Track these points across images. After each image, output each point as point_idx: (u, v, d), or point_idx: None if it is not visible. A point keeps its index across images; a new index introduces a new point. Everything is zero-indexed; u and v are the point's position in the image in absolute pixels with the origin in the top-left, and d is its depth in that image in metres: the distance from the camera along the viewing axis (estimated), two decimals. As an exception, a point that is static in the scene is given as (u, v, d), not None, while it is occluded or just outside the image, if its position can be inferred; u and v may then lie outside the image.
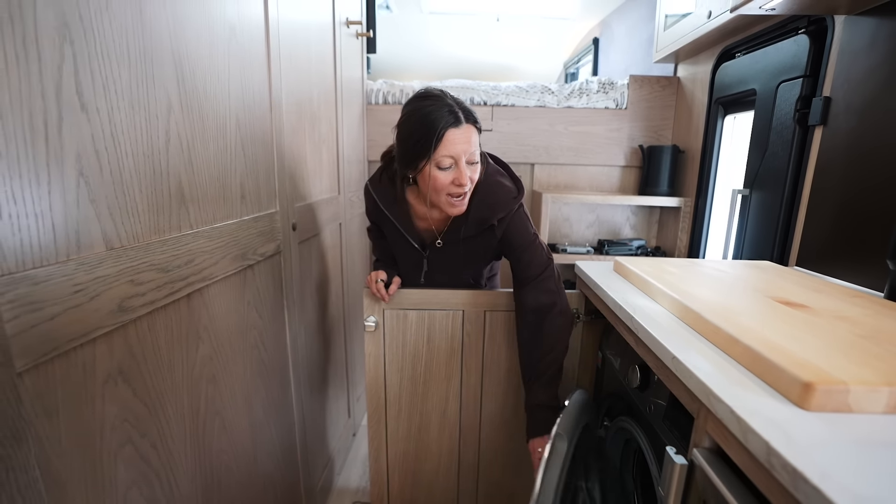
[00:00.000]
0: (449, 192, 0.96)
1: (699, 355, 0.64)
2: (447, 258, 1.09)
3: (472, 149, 0.94)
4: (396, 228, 1.08)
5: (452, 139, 0.91)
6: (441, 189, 0.96)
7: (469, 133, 0.93)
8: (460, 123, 0.92)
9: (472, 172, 0.97)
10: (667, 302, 0.84)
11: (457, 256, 1.08)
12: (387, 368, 1.17)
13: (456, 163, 0.93)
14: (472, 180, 0.97)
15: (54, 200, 0.49)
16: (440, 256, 1.10)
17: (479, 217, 1.02)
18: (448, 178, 0.94)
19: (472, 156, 0.95)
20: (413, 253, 1.11)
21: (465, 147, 0.92)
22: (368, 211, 1.17)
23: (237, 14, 0.86)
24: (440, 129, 0.90)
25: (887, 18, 0.98)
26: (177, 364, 0.71)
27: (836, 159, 1.11)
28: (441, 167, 0.93)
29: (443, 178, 0.94)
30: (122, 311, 0.58)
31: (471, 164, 0.95)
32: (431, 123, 0.90)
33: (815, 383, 0.48)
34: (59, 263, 0.49)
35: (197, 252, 0.74)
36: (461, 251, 1.07)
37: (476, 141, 0.96)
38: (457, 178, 0.94)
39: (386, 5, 2.94)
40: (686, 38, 1.65)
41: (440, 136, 0.90)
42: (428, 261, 1.09)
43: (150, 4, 0.62)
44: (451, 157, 0.93)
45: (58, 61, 0.48)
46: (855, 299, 0.81)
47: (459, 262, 1.10)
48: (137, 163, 0.61)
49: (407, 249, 1.11)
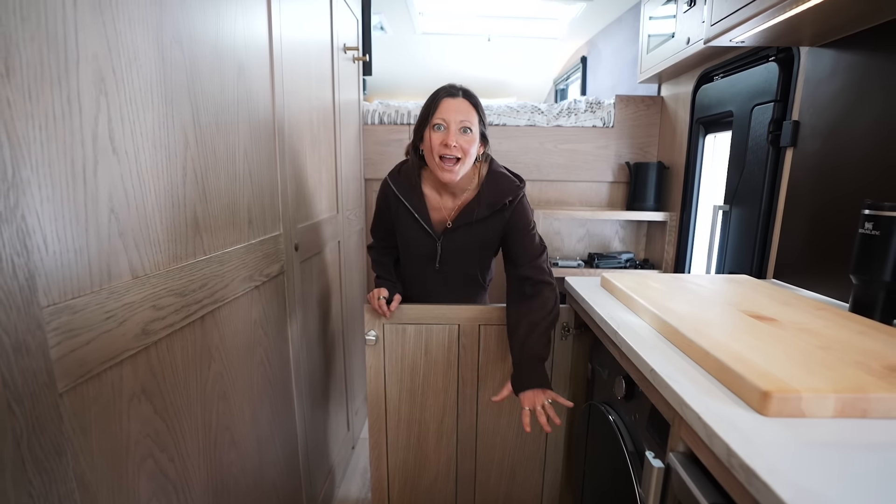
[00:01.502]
0: (440, 153, 1.06)
1: (674, 368, 0.70)
2: (459, 244, 1.17)
3: (462, 117, 1.06)
4: (411, 216, 1.16)
5: (446, 106, 1.07)
6: (434, 150, 1.07)
7: (462, 104, 1.08)
8: (456, 95, 1.09)
9: (464, 142, 1.07)
10: (648, 316, 0.90)
11: (468, 241, 1.16)
12: (387, 380, 1.23)
13: (447, 126, 1.06)
14: (463, 151, 1.07)
15: (90, 236, 0.54)
16: (453, 243, 1.16)
17: (491, 200, 1.12)
18: (439, 138, 1.06)
19: (463, 123, 1.06)
20: (427, 241, 1.17)
21: (455, 114, 1.06)
22: (381, 206, 1.22)
23: (245, 50, 0.93)
24: (438, 97, 1.09)
25: (845, 51, 1.06)
26: (191, 382, 0.76)
27: (805, 178, 1.19)
28: (435, 128, 1.07)
29: (434, 139, 1.07)
30: (145, 335, 0.63)
31: (463, 131, 1.06)
32: (433, 95, 1.11)
33: (772, 392, 0.54)
34: (93, 293, 0.55)
35: (210, 276, 0.79)
36: (473, 235, 1.16)
37: (470, 114, 1.08)
38: (445, 138, 1.05)
39: (380, 26, 3.03)
40: (667, 61, 1.74)
41: (436, 103, 1.08)
42: (441, 247, 1.16)
43: (170, 51, 0.68)
44: (443, 120, 1.06)
45: (94, 112, 0.54)
46: (820, 312, 0.88)
47: (471, 248, 1.17)
48: (159, 197, 0.67)
49: (421, 238, 1.17)
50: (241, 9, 0.91)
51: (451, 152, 1.06)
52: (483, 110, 1.12)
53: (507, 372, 1.23)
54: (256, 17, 0.97)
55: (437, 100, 1.09)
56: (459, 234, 1.15)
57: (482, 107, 1.12)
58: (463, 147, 1.06)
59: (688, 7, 1.58)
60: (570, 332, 1.23)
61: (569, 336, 1.23)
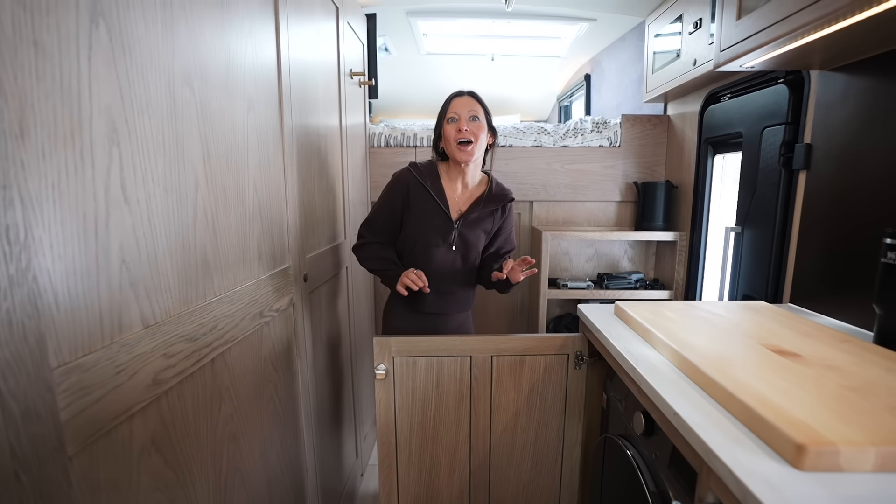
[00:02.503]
0: (457, 139, 1.29)
1: (699, 411, 0.67)
2: (470, 228, 1.38)
3: (469, 108, 1.31)
4: (431, 201, 1.34)
5: (456, 103, 1.33)
6: (451, 139, 1.30)
7: (468, 99, 1.34)
8: (462, 95, 1.35)
9: (474, 128, 1.30)
10: (666, 351, 0.88)
11: (476, 228, 1.38)
12: (397, 414, 1.20)
13: (459, 118, 1.30)
14: (474, 135, 1.29)
15: (101, 289, 0.53)
16: (466, 227, 1.37)
17: (497, 195, 1.39)
18: (454, 128, 1.30)
19: (471, 112, 1.31)
20: (445, 223, 1.36)
21: (464, 107, 1.31)
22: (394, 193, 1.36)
23: (254, 84, 0.93)
24: (449, 98, 1.36)
25: (857, 75, 1.05)
26: (202, 426, 0.74)
27: (820, 202, 1.17)
28: (449, 121, 1.32)
29: (451, 129, 1.31)
30: (156, 385, 0.62)
31: (472, 119, 1.30)
32: (446, 99, 1.37)
33: (808, 445, 0.52)
34: (104, 348, 0.53)
35: (220, 317, 0.78)
36: (480, 224, 1.38)
37: (476, 106, 1.32)
38: (458, 126, 1.30)
39: (385, 48, 3.06)
40: (673, 82, 1.74)
41: (449, 102, 1.35)
42: (458, 230, 1.36)
43: (181, 94, 0.68)
44: (455, 113, 1.31)
45: (107, 164, 0.54)
46: (844, 345, 0.85)
47: (477, 234, 1.39)
48: (170, 242, 0.66)
49: (438, 221, 1.35)
50: (251, 42, 0.91)
51: (464, 136, 1.29)
52: (486, 105, 1.36)
53: (520, 403, 1.20)
54: (266, 48, 0.98)
55: (449, 100, 1.36)
56: (471, 220, 1.37)
57: (485, 103, 1.36)
58: (473, 132, 1.29)
59: (693, 29, 1.59)
60: (584, 360, 1.20)
61: (583, 364, 1.21)
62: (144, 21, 0.59)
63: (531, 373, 1.18)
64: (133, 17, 0.57)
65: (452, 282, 1.39)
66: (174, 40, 0.65)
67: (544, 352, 1.17)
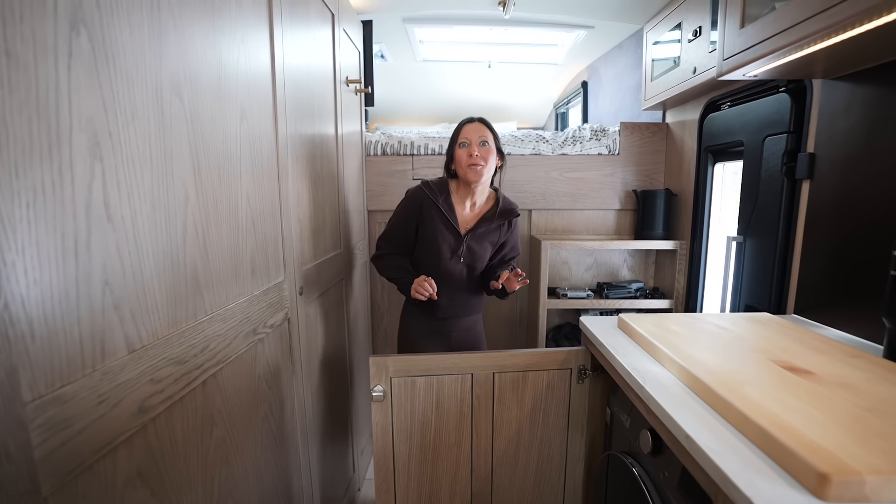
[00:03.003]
0: (468, 163, 1.37)
1: (712, 434, 0.65)
2: (478, 242, 1.45)
3: (479, 133, 1.39)
4: (442, 217, 1.42)
5: (467, 129, 1.41)
6: (463, 162, 1.38)
7: (478, 126, 1.41)
8: (473, 121, 1.43)
9: (483, 153, 1.37)
10: (674, 368, 0.85)
11: (483, 241, 1.46)
12: (395, 437, 1.15)
13: (470, 143, 1.38)
14: (484, 159, 1.37)
15: (82, 314, 0.50)
16: (474, 240, 1.44)
17: (505, 209, 1.47)
18: (465, 152, 1.38)
19: (481, 138, 1.38)
20: (454, 237, 1.43)
21: (475, 133, 1.39)
22: (408, 210, 1.45)
23: (247, 92, 0.90)
24: (461, 125, 1.44)
25: (861, 85, 1.04)
26: (192, 453, 0.70)
27: (824, 212, 1.16)
28: (461, 146, 1.40)
29: (462, 154, 1.39)
30: (142, 413, 0.58)
31: (482, 144, 1.38)
32: (458, 125, 1.45)
33: (832, 474, 0.49)
34: (85, 376, 0.50)
35: (212, 337, 0.75)
36: (486, 238, 1.46)
37: (485, 132, 1.40)
38: (469, 151, 1.37)
39: (381, 54, 3.04)
40: (673, 90, 1.73)
41: (460, 129, 1.43)
42: (466, 243, 1.43)
43: (170, 105, 0.65)
44: (466, 139, 1.39)
45: (88, 180, 0.51)
46: (855, 360, 0.83)
47: (484, 246, 1.46)
48: (157, 260, 0.62)
49: (448, 235, 1.43)
50: (244, 49, 0.88)
51: (475, 161, 1.36)
52: (496, 131, 1.43)
53: (523, 421, 1.17)
54: (259, 55, 0.95)
55: (460, 127, 1.44)
56: (478, 234, 1.45)
57: (494, 129, 1.44)
58: (484, 156, 1.37)
59: (693, 37, 1.57)
60: (587, 374, 1.17)
61: (586, 379, 1.18)
62: (130, 28, 0.56)
63: (534, 388, 1.15)
64: (117, 24, 0.54)
65: (461, 289, 1.49)
66: (162, 48, 0.62)
67: (547, 367, 1.14)
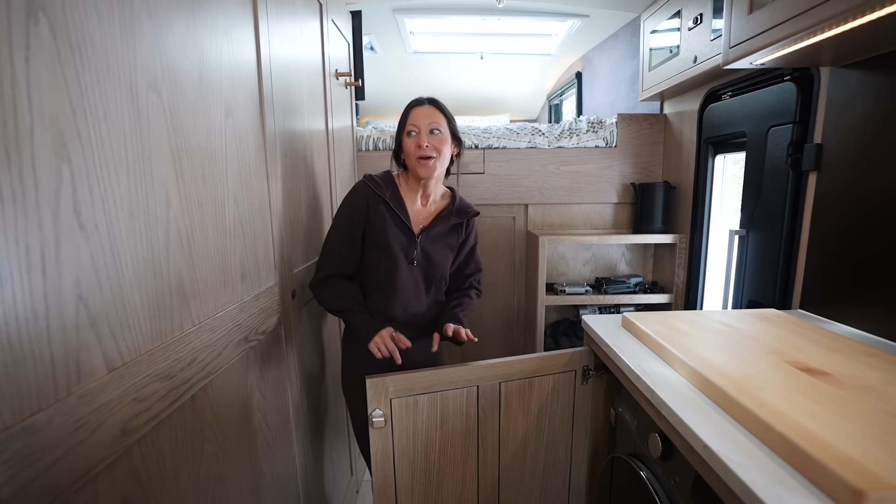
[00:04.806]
0: (417, 154, 1.18)
1: (731, 443, 0.61)
2: (433, 244, 1.24)
3: (429, 120, 1.18)
4: (391, 213, 1.20)
5: (415, 114, 1.20)
6: (411, 153, 1.19)
7: (428, 110, 1.20)
8: (422, 104, 1.21)
9: (435, 142, 1.18)
10: (685, 370, 0.82)
11: (439, 244, 1.25)
12: (396, 463, 1.06)
13: (418, 131, 1.18)
14: (436, 150, 1.18)
15: (53, 334, 0.45)
16: (428, 242, 1.24)
17: (461, 208, 1.28)
18: (413, 142, 1.18)
19: (431, 125, 1.18)
20: (406, 238, 1.21)
21: (424, 119, 1.18)
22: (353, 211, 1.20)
23: (232, 88, 0.85)
24: (408, 109, 1.23)
25: (873, 72, 1.01)
26: (181, 473, 0.66)
27: (833, 205, 1.13)
28: (409, 135, 1.19)
29: (410, 144, 1.19)
30: (126, 435, 0.54)
31: (432, 132, 1.18)
32: (405, 108, 1.24)
33: (868, 491, 0.46)
34: (58, 402, 0.45)
35: (200, 348, 0.70)
36: (442, 239, 1.26)
37: (437, 117, 1.20)
38: (418, 141, 1.17)
39: (370, 47, 2.97)
40: (672, 80, 1.69)
41: (407, 113, 1.22)
42: (419, 245, 1.22)
43: (146, 102, 0.60)
44: (414, 126, 1.19)
45: (55, 185, 0.46)
46: (872, 359, 0.80)
47: (440, 249, 1.26)
48: (137, 271, 0.58)
49: (399, 235, 1.20)
50: (227, 41, 0.82)
51: (424, 152, 1.17)
52: (450, 114, 1.23)
53: (529, 429, 1.12)
54: (244, 48, 0.89)
55: (407, 111, 1.22)
56: (434, 234, 1.24)
57: (449, 111, 1.24)
58: (435, 146, 1.18)
59: (693, 25, 1.53)
60: (590, 374, 1.14)
61: (589, 379, 1.15)
62: (98, 16, 0.51)
63: (539, 394, 1.11)
64: (83, 12, 0.49)
65: (416, 303, 1.22)
66: (136, 39, 0.57)
67: (552, 370, 1.11)
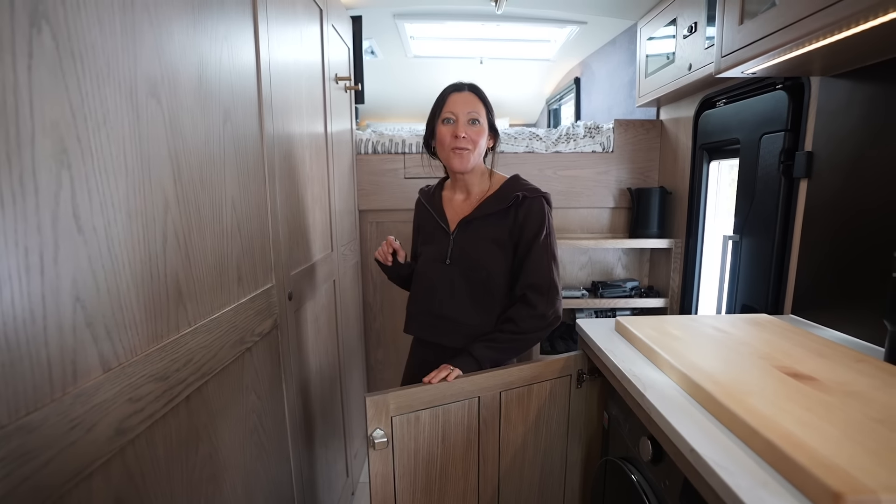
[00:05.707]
0: (452, 145, 1.10)
1: (718, 447, 0.62)
2: (469, 239, 1.13)
3: (469, 108, 1.10)
4: (431, 216, 1.20)
5: (453, 100, 1.11)
6: (446, 143, 1.11)
7: (469, 97, 1.12)
8: (462, 90, 1.13)
9: (473, 133, 1.10)
10: (675, 375, 0.83)
11: (477, 237, 1.13)
12: (396, 485, 1.02)
13: (456, 119, 1.10)
14: (472, 142, 1.10)
15: (50, 334, 0.46)
16: (463, 237, 1.14)
17: (503, 194, 1.13)
18: (449, 131, 1.10)
19: (470, 115, 1.10)
20: (442, 237, 1.16)
21: (463, 107, 1.10)
22: (414, 222, 1.30)
23: (231, 93, 0.86)
24: (446, 93, 1.14)
25: (861, 82, 1.02)
26: (175, 474, 0.67)
27: (823, 212, 1.14)
28: (445, 122, 1.11)
29: (445, 132, 1.11)
30: (120, 435, 0.55)
31: (471, 122, 1.10)
32: (442, 93, 1.15)
33: (846, 494, 0.47)
34: (54, 401, 0.46)
35: (195, 350, 0.71)
36: (482, 232, 1.12)
37: (477, 106, 1.12)
38: (454, 130, 1.10)
39: (371, 50, 2.99)
40: (667, 87, 1.71)
41: (444, 98, 1.13)
42: (453, 241, 1.14)
43: (146, 107, 0.61)
44: (451, 114, 1.10)
45: (55, 190, 0.47)
46: (859, 365, 0.81)
47: (479, 244, 1.12)
48: (135, 272, 0.59)
49: (437, 235, 1.18)
50: (227, 46, 0.84)
51: (461, 143, 1.09)
52: (490, 103, 1.15)
53: (528, 436, 1.12)
54: (244, 53, 0.91)
55: (445, 96, 1.13)
56: (471, 228, 1.14)
57: (489, 100, 1.15)
58: (472, 138, 1.10)
59: (688, 33, 1.55)
60: (584, 378, 1.15)
61: (583, 383, 1.15)
62: (100, 24, 0.52)
63: (538, 400, 1.11)
64: (85, 20, 0.50)
65: (450, 305, 1.12)
66: (137, 46, 0.58)
67: (549, 376, 1.11)
